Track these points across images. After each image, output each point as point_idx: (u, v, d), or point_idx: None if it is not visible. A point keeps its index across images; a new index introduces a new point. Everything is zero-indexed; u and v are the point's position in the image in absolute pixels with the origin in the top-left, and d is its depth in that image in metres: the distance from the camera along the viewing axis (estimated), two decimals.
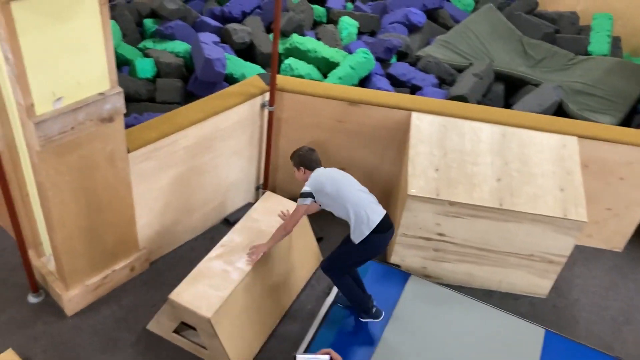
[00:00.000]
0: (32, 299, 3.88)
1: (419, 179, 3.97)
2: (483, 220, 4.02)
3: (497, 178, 4.04)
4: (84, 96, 3.12)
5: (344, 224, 4.76)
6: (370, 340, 3.78)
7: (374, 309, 3.84)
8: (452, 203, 3.94)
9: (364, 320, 3.87)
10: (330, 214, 4.78)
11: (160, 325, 3.73)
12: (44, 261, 3.92)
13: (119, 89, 3.26)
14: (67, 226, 3.46)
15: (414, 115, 4.27)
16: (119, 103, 3.28)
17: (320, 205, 3.65)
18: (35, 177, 3.26)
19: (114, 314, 3.88)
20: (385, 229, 3.55)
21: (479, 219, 4.01)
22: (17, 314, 3.79)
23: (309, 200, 3.53)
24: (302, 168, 3.63)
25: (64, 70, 2.96)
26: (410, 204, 3.97)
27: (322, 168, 3.64)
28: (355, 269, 3.81)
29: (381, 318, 3.85)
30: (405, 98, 4.37)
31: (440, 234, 4.13)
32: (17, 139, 3.34)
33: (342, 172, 3.67)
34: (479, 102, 4.85)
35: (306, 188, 3.53)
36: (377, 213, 3.53)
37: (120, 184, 3.61)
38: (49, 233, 3.53)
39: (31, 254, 3.85)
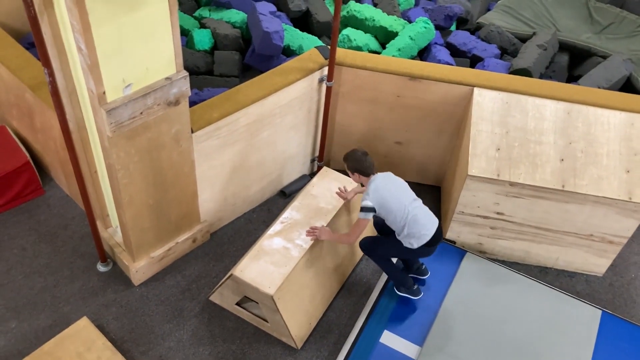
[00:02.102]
0: (101, 268, 4.08)
1: (480, 158, 3.92)
2: (544, 200, 3.96)
3: (560, 158, 3.95)
4: (152, 81, 3.16)
5: None
6: (427, 315, 3.85)
7: (415, 286, 3.91)
8: (512, 184, 3.89)
9: (400, 293, 3.93)
10: None
11: (224, 297, 3.87)
12: (111, 232, 4.09)
13: (185, 73, 3.29)
14: (135, 204, 3.58)
15: (476, 91, 4.17)
16: (185, 87, 3.31)
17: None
18: (106, 160, 3.36)
19: (178, 284, 4.05)
20: (434, 242, 3.62)
21: (540, 200, 3.96)
22: (89, 282, 4.00)
23: (370, 215, 3.56)
24: (356, 173, 3.66)
25: (133, 57, 3.00)
26: (470, 183, 3.94)
27: (379, 176, 3.65)
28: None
29: (418, 297, 3.91)
30: (467, 73, 4.26)
31: (498, 213, 4.11)
32: (87, 121, 3.43)
33: (397, 180, 3.71)
34: (542, 75, 4.69)
35: (368, 203, 3.55)
36: (430, 229, 3.61)
37: (184, 163, 3.70)
38: (117, 211, 3.67)
39: (99, 225, 4.01)
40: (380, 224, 3.88)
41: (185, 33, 4.74)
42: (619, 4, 5.59)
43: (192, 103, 4.12)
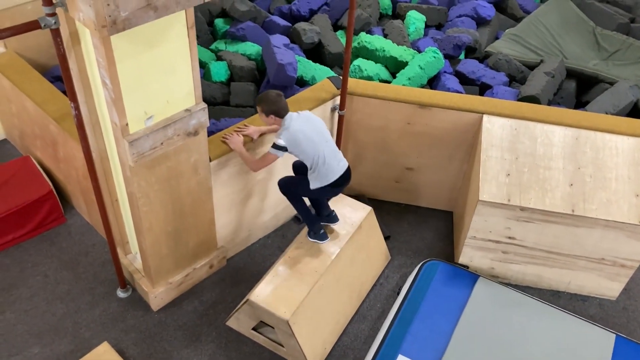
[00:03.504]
0: (121, 294, 4.18)
1: (490, 184, 4.00)
2: (554, 225, 4.02)
3: (569, 183, 4.02)
4: (172, 113, 3.31)
5: (412, 222, 4.89)
6: (441, 339, 3.87)
7: (322, 231, 4.06)
8: (523, 209, 3.96)
9: (310, 239, 4.06)
10: (399, 213, 4.90)
11: (240, 322, 3.95)
12: (130, 259, 4.20)
13: (203, 105, 3.43)
14: (154, 231, 3.69)
15: (485, 118, 4.27)
16: (203, 118, 3.45)
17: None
18: (127, 188, 3.49)
19: (195, 310, 4.14)
20: (340, 183, 3.81)
21: (550, 224, 4.02)
22: (109, 308, 4.10)
23: (282, 153, 3.62)
24: (272, 115, 3.61)
25: (154, 91, 3.14)
26: (481, 209, 4.01)
27: (294, 116, 3.65)
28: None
29: (325, 241, 4.05)
30: (476, 100, 4.37)
31: (510, 237, 4.17)
32: (109, 151, 3.57)
33: (314, 120, 3.72)
34: (550, 101, 4.79)
35: (281, 141, 3.59)
36: (337, 171, 3.76)
37: (202, 191, 3.82)
38: (137, 237, 3.78)
39: (119, 252, 4.12)
40: (296, 165, 4.00)
41: (202, 65, 4.91)
42: (624, 31, 5.70)
43: (210, 133, 4.25)
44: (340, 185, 3.82)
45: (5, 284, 4.17)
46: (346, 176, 3.82)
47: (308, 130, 3.65)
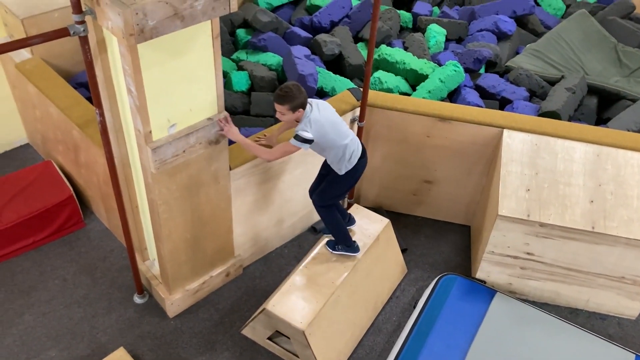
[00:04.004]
0: (137, 299, 4.20)
1: (510, 199, 3.98)
2: (574, 242, 3.99)
3: (590, 200, 3.99)
4: (195, 121, 3.35)
5: (429, 236, 4.87)
6: (457, 355, 3.84)
7: (355, 243, 4.04)
8: (542, 224, 3.93)
9: (338, 252, 4.03)
10: (416, 226, 4.88)
11: (255, 331, 3.95)
12: (148, 265, 4.22)
13: (225, 114, 3.46)
14: (173, 238, 3.72)
15: (506, 133, 4.26)
16: None
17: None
18: (148, 195, 3.52)
19: (211, 317, 4.14)
20: (364, 153, 3.75)
21: (570, 241, 3.99)
22: (125, 313, 4.12)
23: (306, 147, 3.42)
24: (300, 110, 3.36)
25: (178, 99, 3.18)
26: (500, 223, 3.99)
27: (314, 104, 3.45)
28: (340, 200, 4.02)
29: (359, 253, 4.04)
30: (496, 115, 4.36)
31: (528, 253, 4.13)
32: (131, 158, 3.61)
33: (322, 103, 3.53)
34: (570, 117, 4.76)
35: (307, 134, 3.37)
36: (359, 144, 3.71)
37: (221, 199, 3.84)
38: (156, 244, 3.81)
39: (137, 258, 4.15)
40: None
41: (223, 75, 4.96)
42: None
43: (230, 142, 4.28)
44: (363, 156, 3.71)
45: (25, 286, 4.22)
46: (364, 150, 3.75)
47: (328, 114, 3.50)
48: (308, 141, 3.39)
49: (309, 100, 3.44)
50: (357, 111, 4.40)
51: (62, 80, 4.44)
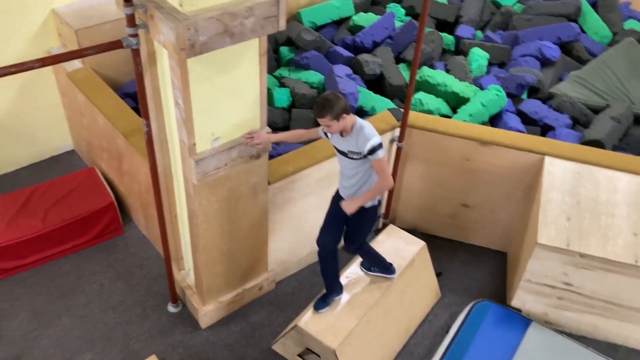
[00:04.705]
0: (171, 308, 4.25)
1: (550, 227, 3.91)
2: (615, 274, 3.88)
3: (633, 232, 3.89)
4: (238, 136, 3.40)
5: (464, 261, 4.82)
6: None
7: (392, 266, 4.03)
8: (582, 255, 3.84)
9: (374, 274, 4.02)
10: (451, 249, 4.82)
11: (286, 348, 3.95)
12: (183, 274, 4.28)
13: (268, 130, 3.51)
14: (210, 250, 3.76)
15: (547, 160, 4.20)
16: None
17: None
18: (188, 206, 3.58)
19: (242, 331, 4.16)
20: None
21: (611, 273, 3.88)
22: (158, 321, 4.17)
23: (384, 152, 3.26)
24: (343, 115, 3.14)
25: (223, 113, 3.24)
26: (539, 252, 3.91)
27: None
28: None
29: (394, 275, 4.03)
30: (538, 141, 4.30)
31: (566, 284, 4.04)
32: (174, 168, 3.68)
33: None
34: (615, 147, 4.67)
35: (376, 138, 3.19)
36: None
37: (259, 213, 3.88)
38: (193, 254, 3.86)
39: (173, 267, 4.20)
40: (333, 221, 3.66)
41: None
42: None
43: (270, 157, 4.33)
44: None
45: (64, 289, 4.32)
46: None
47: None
48: (381, 145, 3.21)
49: (356, 119, 3.29)
50: (397, 131, 4.40)
51: (110, 90, 4.58)
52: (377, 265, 4.02)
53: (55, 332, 4.04)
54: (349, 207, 3.39)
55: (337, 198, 3.64)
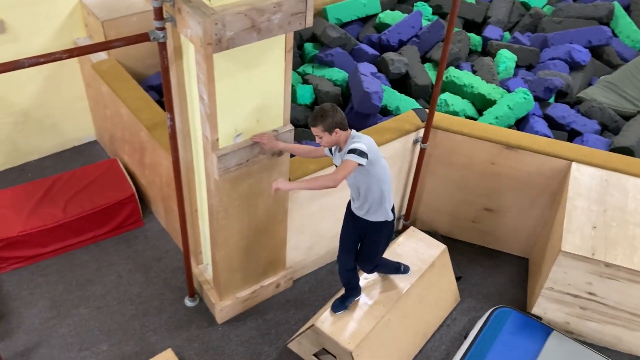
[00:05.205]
0: (188, 302, 4.25)
1: (575, 235, 3.82)
2: None
3: None
4: (261, 132, 3.37)
5: (485, 265, 4.75)
6: None
7: (402, 267, 3.97)
8: (608, 265, 3.75)
9: (395, 274, 3.96)
10: (472, 254, 4.75)
11: (302, 347, 3.92)
12: (201, 269, 4.27)
13: (290, 127, 3.48)
14: (229, 245, 3.75)
15: (574, 166, 4.11)
16: (289, 139, 3.50)
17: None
18: (209, 201, 3.57)
19: (258, 327, 4.15)
20: (393, 208, 3.50)
21: (637, 284, 3.78)
22: (175, 315, 4.17)
23: (364, 160, 2.99)
24: (336, 130, 3.06)
25: (247, 109, 3.22)
26: (562, 260, 3.83)
27: (360, 136, 3.14)
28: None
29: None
30: (565, 147, 4.21)
31: (590, 293, 3.95)
32: (195, 163, 3.66)
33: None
34: None
35: (362, 146, 2.99)
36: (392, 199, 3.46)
37: (278, 210, 3.85)
38: (212, 249, 3.85)
39: (191, 261, 4.20)
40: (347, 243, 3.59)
41: None
42: None
43: (291, 155, 4.30)
44: (394, 211, 3.48)
45: (83, 279, 4.34)
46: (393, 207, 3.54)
47: (373, 146, 3.16)
48: (365, 154, 3.00)
49: (352, 132, 3.18)
50: (421, 132, 4.34)
51: (135, 83, 4.58)
52: (394, 271, 3.97)
53: (73, 321, 4.06)
54: (281, 184, 3.15)
55: (348, 215, 3.55)
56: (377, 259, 3.67)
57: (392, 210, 3.45)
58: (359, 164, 3.00)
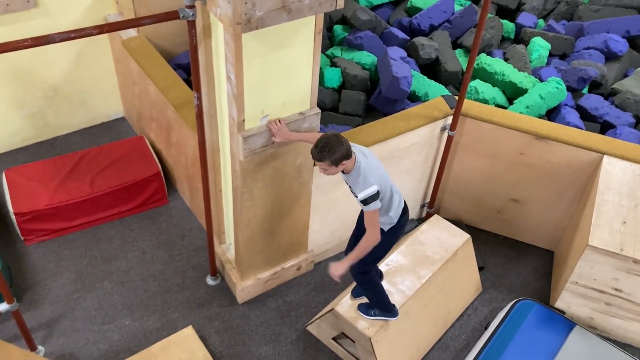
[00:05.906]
0: (210, 281, 4.28)
1: (603, 229, 3.74)
2: None
3: None
4: (287, 115, 3.35)
5: (509, 257, 4.69)
6: None
7: (395, 307, 3.61)
8: (637, 261, 3.67)
9: (372, 318, 3.57)
10: (496, 244, 4.69)
11: (321, 330, 3.93)
12: (224, 249, 4.30)
13: (317, 110, 3.45)
14: (251, 226, 3.76)
15: (606, 159, 4.01)
16: (315, 122, 3.48)
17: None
18: (233, 181, 3.57)
19: (278, 309, 4.17)
20: (406, 209, 3.32)
21: None
22: (197, 293, 4.21)
23: (379, 202, 2.99)
24: (344, 162, 2.96)
25: (274, 91, 3.20)
26: (589, 254, 3.76)
27: (357, 152, 3.04)
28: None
29: (396, 318, 3.61)
30: (597, 139, 4.11)
31: (616, 289, 3.88)
32: (221, 143, 3.67)
33: (362, 148, 3.15)
34: None
35: (370, 190, 2.95)
36: (402, 200, 3.28)
37: (302, 193, 3.84)
38: (235, 230, 3.87)
39: (214, 240, 4.22)
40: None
41: None
42: None
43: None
44: (406, 212, 3.32)
45: (107, 254, 4.41)
46: (406, 206, 3.35)
47: (373, 160, 3.12)
48: (376, 195, 2.98)
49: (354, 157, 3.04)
50: (449, 119, 4.27)
51: (163, 61, 4.59)
52: (376, 304, 3.58)
53: (97, 295, 4.13)
54: (338, 269, 3.14)
55: (361, 218, 3.45)
56: (366, 262, 3.30)
57: (405, 210, 3.31)
58: (378, 207, 3.00)
